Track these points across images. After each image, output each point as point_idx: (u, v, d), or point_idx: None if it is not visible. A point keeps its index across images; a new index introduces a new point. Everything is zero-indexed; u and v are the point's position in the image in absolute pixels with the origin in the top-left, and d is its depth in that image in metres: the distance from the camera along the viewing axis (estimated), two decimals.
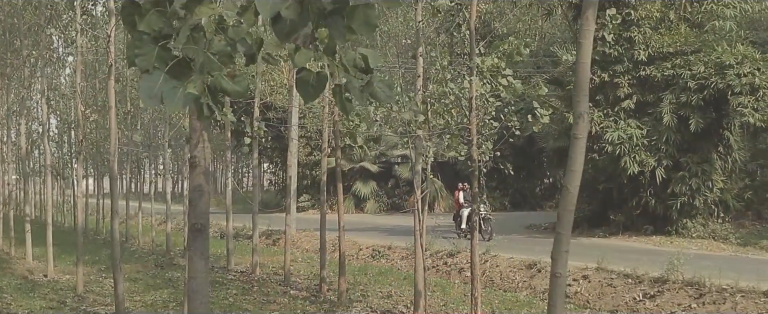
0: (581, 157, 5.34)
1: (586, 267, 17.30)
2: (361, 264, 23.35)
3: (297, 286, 19.00)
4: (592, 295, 16.26)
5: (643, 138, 23.58)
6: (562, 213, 5.43)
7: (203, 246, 4.90)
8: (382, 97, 4.24)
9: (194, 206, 4.85)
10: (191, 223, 4.87)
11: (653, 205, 24.38)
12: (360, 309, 15.70)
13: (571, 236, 17.92)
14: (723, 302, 13.93)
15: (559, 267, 5.40)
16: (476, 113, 12.40)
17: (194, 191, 4.86)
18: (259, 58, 4.04)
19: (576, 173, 5.31)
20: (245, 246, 28.45)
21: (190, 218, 4.92)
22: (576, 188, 5.38)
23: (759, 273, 14.25)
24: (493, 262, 19.74)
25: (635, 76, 24.18)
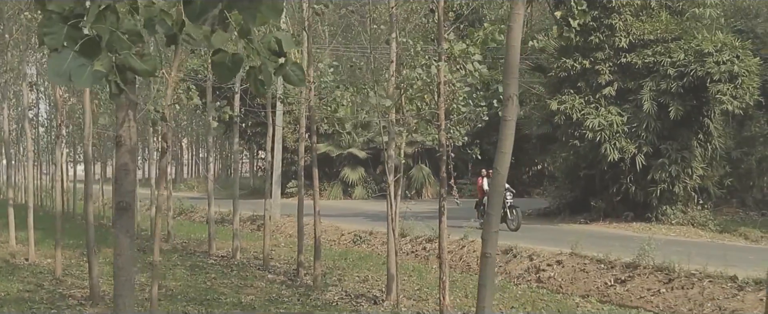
0: (511, 139, 5.42)
1: (561, 253, 17.44)
2: (343, 249, 23.45)
3: (275, 270, 19.10)
4: (565, 280, 16.38)
5: (624, 125, 23.72)
6: (491, 194, 5.52)
7: (128, 224, 4.98)
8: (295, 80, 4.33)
9: (120, 185, 4.92)
10: (116, 201, 4.94)
11: (634, 192, 24.53)
12: (334, 293, 15.78)
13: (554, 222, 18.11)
14: (691, 287, 14.06)
15: (488, 248, 5.49)
16: (444, 98, 12.45)
17: (120, 169, 4.94)
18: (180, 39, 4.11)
19: (505, 155, 5.40)
20: (229, 230, 28.48)
21: (116, 196, 5.00)
22: (505, 170, 5.47)
23: (727, 258, 14.36)
24: (470, 247, 19.87)
25: (616, 63, 24.29)
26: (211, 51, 4.10)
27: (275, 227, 29.66)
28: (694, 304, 13.58)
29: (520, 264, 17.95)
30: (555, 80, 25.65)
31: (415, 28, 16.31)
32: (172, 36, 4.02)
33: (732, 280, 13.59)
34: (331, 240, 25.49)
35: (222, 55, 4.08)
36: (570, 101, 24.29)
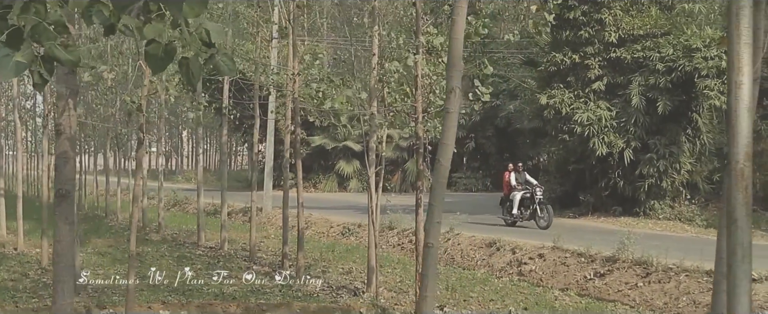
0: (453, 130, 5.49)
1: (543, 246, 17.52)
2: (331, 241, 23.53)
3: (261, 262, 19.19)
4: (545, 273, 16.47)
5: (612, 120, 23.79)
6: (434, 186, 5.59)
7: (68, 211, 5.05)
8: (225, 70, 4.41)
9: (59, 172, 5.00)
10: (56, 189, 5.02)
11: (622, 186, 24.58)
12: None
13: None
14: (668, 280, 14.14)
15: (430, 238, 5.56)
16: (421, 91, 12.53)
17: (59, 157, 5.01)
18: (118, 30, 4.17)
19: (448, 146, 5.46)
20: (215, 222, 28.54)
21: (56, 183, 5.08)
22: (448, 161, 5.53)
23: (704, 253, 14.41)
24: (455, 240, 19.95)
25: (606, 58, 24.34)
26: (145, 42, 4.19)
27: (266, 219, 29.76)
28: (670, 298, 13.66)
29: (502, 257, 18.03)
30: (545, 75, 25.71)
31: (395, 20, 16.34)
32: (109, 26, 4.09)
33: (708, 274, 13.64)
34: (321, 232, 25.58)
35: (155, 46, 4.15)
36: (560, 96, 24.35)
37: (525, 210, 23.15)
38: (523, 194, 23.19)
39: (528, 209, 23.03)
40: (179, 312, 13.08)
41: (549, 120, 25.20)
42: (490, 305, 13.95)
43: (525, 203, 23.19)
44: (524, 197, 23.18)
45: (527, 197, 23.10)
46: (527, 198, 23.10)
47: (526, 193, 23.18)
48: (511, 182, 23.94)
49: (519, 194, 23.28)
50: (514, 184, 23.79)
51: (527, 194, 23.11)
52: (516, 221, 23.20)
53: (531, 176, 24.61)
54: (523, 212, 23.15)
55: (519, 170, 24.22)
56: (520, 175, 24.04)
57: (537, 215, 22.63)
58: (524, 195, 23.19)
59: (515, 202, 23.35)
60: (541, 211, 22.57)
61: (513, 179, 23.91)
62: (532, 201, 22.86)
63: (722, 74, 22.11)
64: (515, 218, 23.28)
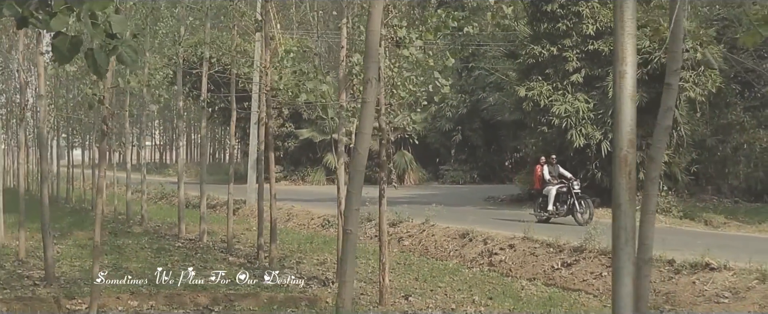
0: (370, 120, 5.64)
1: (514, 237, 17.70)
2: (310, 233, 23.71)
3: (238, 253, 19.34)
4: (515, 263, 16.65)
5: (590, 111, 23.96)
6: (352, 174, 5.74)
7: None
8: (128, 61, 4.56)
9: None
10: None
11: (600, 178, 24.78)
12: (289, 275, 15.98)
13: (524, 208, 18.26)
14: None
15: (349, 224, 5.71)
16: (384, 83, 12.67)
17: None
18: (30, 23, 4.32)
19: (365, 135, 5.61)
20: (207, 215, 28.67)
21: None
22: (365, 150, 5.68)
23: (666, 242, 14.59)
24: (430, 232, 20.15)
25: (584, 50, 24.52)
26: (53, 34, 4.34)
27: (250, 211, 29.91)
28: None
29: (474, 247, 18.21)
30: (524, 67, 25.90)
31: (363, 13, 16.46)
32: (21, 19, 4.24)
33: (669, 263, 13.85)
34: (301, 223, 25.77)
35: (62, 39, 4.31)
36: (538, 88, 24.54)
37: (561, 205, 22.18)
38: (559, 188, 22.23)
39: (564, 204, 22.08)
40: (147, 302, 13.20)
41: (528, 112, 25.40)
42: (456, 295, 14.10)
43: (561, 197, 22.25)
44: (560, 191, 22.23)
45: (563, 191, 22.17)
46: (564, 192, 22.16)
47: (561, 187, 22.24)
48: (544, 175, 22.87)
49: (554, 189, 22.25)
50: (547, 178, 22.64)
51: (563, 189, 22.17)
52: (550, 218, 22.22)
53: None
54: (560, 208, 22.21)
55: (552, 163, 23.03)
56: (554, 168, 22.95)
57: (576, 210, 21.69)
58: (560, 189, 22.24)
59: (551, 197, 22.26)
60: (579, 205, 21.71)
61: (546, 173, 22.80)
62: (569, 195, 21.96)
63: (697, 66, 22.30)
64: (551, 214, 22.26)
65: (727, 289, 12.33)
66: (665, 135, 6.38)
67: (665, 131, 6.36)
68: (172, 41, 22.41)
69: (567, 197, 21.92)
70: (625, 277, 4.29)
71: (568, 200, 21.87)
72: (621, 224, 4.29)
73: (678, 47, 6.35)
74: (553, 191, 22.12)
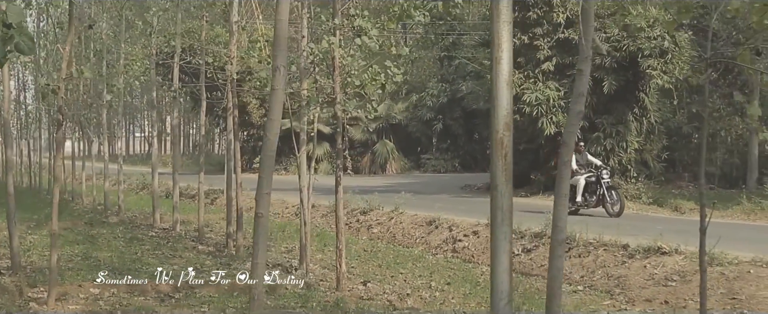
0: (279, 106, 5.80)
1: (478, 223, 17.90)
2: (284, 222, 23.88)
3: (208, 242, 19.47)
4: (477, 250, 16.87)
5: (560, 99, 24.16)
6: (262, 159, 5.92)
7: None
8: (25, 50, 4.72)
9: None
10: None
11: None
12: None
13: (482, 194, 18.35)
14: (587, 254, 14.57)
15: (260, 208, 5.89)
16: (339, 72, 12.83)
17: None
18: None
19: (274, 121, 5.78)
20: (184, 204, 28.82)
21: None
22: (275, 136, 5.85)
23: (620, 228, 14.87)
24: (398, 219, 20.36)
25: (554, 38, 24.66)
26: None
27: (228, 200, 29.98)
28: (586, 271, 14.08)
29: (440, 234, 18.41)
30: None
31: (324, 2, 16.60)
32: None
33: (624, 248, 14.07)
34: (276, 213, 25.91)
35: None
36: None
37: (590, 196, 20.91)
38: (588, 177, 20.91)
39: (594, 194, 20.82)
40: (109, 290, 13.32)
41: None
42: (416, 280, 14.30)
43: (590, 188, 20.97)
44: (589, 181, 20.93)
45: (592, 181, 20.89)
46: (592, 182, 20.88)
47: (590, 176, 20.93)
48: (572, 164, 20.34)
49: (582, 178, 20.85)
50: (575, 167, 20.85)
51: (592, 178, 20.89)
52: (578, 210, 20.84)
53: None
54: (589, 199, 20.95)
55: (580, 151, 21.43)
56: (582, 156, 21.44)
57: (606, 201, 20.42)
58: (589, 179, 20.92)
59: (579, 188, 20.81)
60: (609, 196, 20.40)
61: (573, 162, 20.69)
62: (598, 185, 20.73)
63: (665, 54, 22.52)
64: (579, 205, 20.83)
65: (676, 272, 12.57)
66: (577, 120, 6.52)
67: (577, 116, 6.50)
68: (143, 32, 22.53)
69: (596, 187, 20.77)
70: (502, 255, 4.48)
71: (597, 191, 20.73)
72: (497, 205, 4.47)
73: (588, 35, 6.51)
74: (581, 182, 20.83)
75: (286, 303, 12.21)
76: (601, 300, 12.53)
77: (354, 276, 14.52)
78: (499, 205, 4.46)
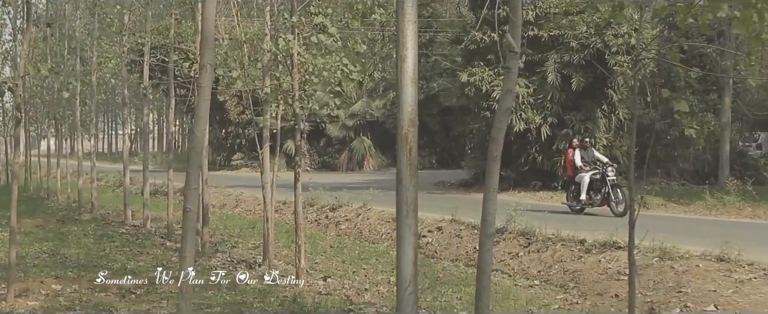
0: (206, 104, 5.91)
1: (442, 219, 18.07)
2: (255, 218, 23.96)
3: (177, 239, 19.53)
4: (441, 245, 17.05)
5: (530, 96, 24.35)
6: (190, 154, 6.04)
7: None
8: None
9: None
10: None
11: (540, 161, 25.23)
12: (220, 259, 16.30)
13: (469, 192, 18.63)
14: (546, 250, 14.76)
15: (188, 203, 6.00)
16: (297, 69, 12.95)
17: None
18: None
19: (201, 119, 5.89)
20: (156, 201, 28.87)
21: None
22: (202, 133, 5.97)
23: (577, 223, 15.07)
24: (365, 216, 20.53)
25: (524, 35, 24.84)
26: None
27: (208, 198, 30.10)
28: (544, 266, 14.28)
29: None
30: (467, 53, 26.29)
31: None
32: None
33: (581, 243, 14.27)
34: (248, 209, 26.06)
35: None
36: (480, 73, 24.90)
37: (595, 195, 20.08)
38: (593, 175, 20.11)
39: (598, 193, 20.00)
40: (71, 286, 13.39)
41: (471, 97, 25.76)
42: (377, 276, 14.43)
43: (595, 186, 20.14)
44: (594, 178, 20.11)
45: (597, 178, 20.06)
46: (597, 180, 20.06)
47: (595, 174, 20.14)
48: (576, 161, 20.56)
49: (587, 176, 20.09)
50: (580, 164, 20.42)
51: (597, 175, 20.08)
52: (583, 208, 20.27)
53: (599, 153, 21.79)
54: (593, 197, 20.12)
55: (585, 147, 20.88)
56: (588, 152, 20.76)
57: (611, 200, 19.59)
58: (594, 177, 20.11)
59: (584, 185, 20.09)
60: (614, 195, 19.53)
61: (578, 158, 20.50)
62: (603, 183, 19.90)
63: (632, 50, 22.74)
64: (584, 204, 20.19)
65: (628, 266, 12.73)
66: (506, 117, 6.70)
67: (506, 113, 6.67)
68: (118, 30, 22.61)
69: (601, 185, 19.96)
70: (407, 247, 4.63)
71: (602, 189, 19.91)
72: (402, 198, 4.62)
73: (517, 34, 6.67)
74: (586, 179, 20.08)
75: (245, 298, 12.30)
76: (555, 294, 12.71)
77: (316, 271, 14.66)
78: (404, 198, 4.61)
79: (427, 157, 44.83)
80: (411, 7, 4.56)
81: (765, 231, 16.56)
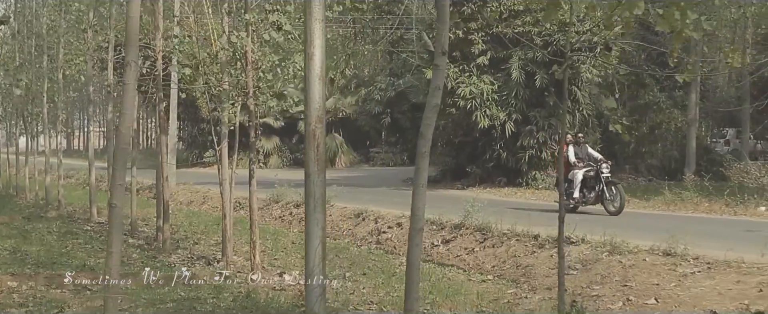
0: (132, 102, 6.00)
1: (402, 215, 18.19)
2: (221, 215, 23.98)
3: (140, 235, 19.60)
4: (400, 241, 17.17)
5: (494, 93, 24.52)
6: (116, 151, 6.12)
7: None
8: None
9: None
10: None
11: (505, 158, 25.43)
12: (180, 255, 16.35)
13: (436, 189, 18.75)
14: (501, 245, 14.91)
15: (114, 199, 6.08)
16: (251, 67, 13.02)
17: None
18: None
19: (127, 116, 5.97)
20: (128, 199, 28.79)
21: None
22: (128, 130, 6.05)
23: (532, 219, 15.20)
24: (328, 212, 20.53)
25: (489, 33, 25.03)
26: None
27: (170, 195, 30.05)
28: (498, 261, 14.44)
29: (366, 226, 18.70)
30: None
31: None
32: None
33: (535, 238, 14.43)
34: (215, 206, 26.06)
35: None
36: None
37: (588, 192, 19.40)
38: (586, 172, 19.40)
39: (592, 190, 19.32)
40: (27, 283, 13.39)
41: None
42: (334, 271, 14.52)
43: (588, 183, 19.46)
44: (587, 176, 19.40)
45: (591, 175, 19.35)
46: (591, 177, 19.36)
47: (589, 171, 19.43)
48: (569, 157, 19.58)
49: (580, 173, 19.36)
50: (573, 160, 19.60)
51: (591, 173, 19.36)
52: (576, 207, 19.48)
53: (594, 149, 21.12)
54: (587, 195, 19.42)
55: (579, 143, 20.18)
56: (582, 148, 20.02)
57: (605, 198, 18.94)
58: (587, 174, 19.40)
59: (576, 182, 19.35)
60: (609, 192, 18.88)
61: (571, 154, 19.64)
62: (597, 180, 19.23)
63: (594, 48, 22.96)
64: (577, 202, 19.41)
65: (579, 261, 12.92)
66: (434, 113, 6.80)
67: (433, 109, 6.77)
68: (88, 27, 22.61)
69: (595, 183, 19.28)
70: (314, 240, 4.74)
71: (596, 186, 19.24)
72: (310, 193, 4.73)
73: (443, 32, 6.78)
74: (578, 176, 19.33)
75: (200, 294, 12.35)
76: (506, 289, 12.84)
77: (274, 267, 14.76)
78: (312, 193, 4.72)
79: (398, 154, 45.05)
80: (318, 6, 4.66)
81: (717, 226, 16.81)
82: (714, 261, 11.44)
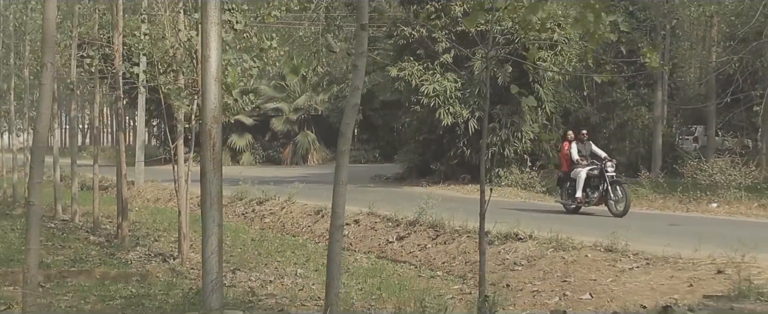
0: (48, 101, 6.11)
1: (360, 212, 18.36)
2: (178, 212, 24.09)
3: (101, 233, 19.66)
4: (356, 238, 17.35)
5: (457, 91, 24.71)
6: (33, 150, 6.26)
7: None
8: None
9: None
10: None
11: (469, 155, 25.59)
12: (138, 252, 16.45)
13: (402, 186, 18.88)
14: (452, 241, 15.10)
15: (32, 197, 6.23)
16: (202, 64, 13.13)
17: None
18: None
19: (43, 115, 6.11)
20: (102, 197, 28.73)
21: None
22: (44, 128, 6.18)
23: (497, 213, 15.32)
24: (289, 209, 20.78)
25: (452, 31, 25.18)
26: None
27: (137, 192, 30.20)
28: (448, 257, 14.62)
29: (324, 223, 18.80)
30: (397, 48, 26.60)
31: None
32: None
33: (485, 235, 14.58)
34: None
35: None
36: (409, 68, 25.21)
37: (592, 192, 18.49)
38: (590, 170, 18.47)
39: (596, 190, 18.37)
40: None
41: (401, 92, 26.09)
42: (288, 268, 14.69)
43: (592, 182, 18.55)
44: (591, 174, 18.46)
45: (595, 174, 18.41)
46: (595, 176, 18.41)
47: (592, 169, 18.50)
48: (572, 155, 18.90)
49: (584, 171, 18.41)
50: (576, 158, 18.80)
51: (595, 171, 18.42)
52: (579, 207, 18.79)
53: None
54: (590, 195, 18.52)
55: (582, 140, 19.27)
56: (585, 146, 19.15)
57: (609, 198, 18.00)
58: (591, 172, 18.46)
59: (580, 182, 18.46)
60: (613, 193, 17.96)
61: (574, 152, 18.87)
62: (601, 180, 18.24)
63: (555, 46, 23.18)
64: (580, 202, 18.59)
65: (525, 257, 13.12)
66: (353, 112, 6.97)
67: (353, 109, 6.94)
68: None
69: (599, 182, 18.31)
70: (211, 237, 4.89)
71: (600, 186, 18.26)
72: (207, 191, 4.88)
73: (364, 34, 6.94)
74: (582, 175, 18.41)
75: (151, 290, 12.48)
76: (452, 284, 13.04)
77: (229, 264, 14.82)
78: (208, 191, 4.86)
79: (370, 151, 45.27)
80: (214, 10, 4.81)
81: (666, 221, 17.05)
82: (653, 257, 11.64)
